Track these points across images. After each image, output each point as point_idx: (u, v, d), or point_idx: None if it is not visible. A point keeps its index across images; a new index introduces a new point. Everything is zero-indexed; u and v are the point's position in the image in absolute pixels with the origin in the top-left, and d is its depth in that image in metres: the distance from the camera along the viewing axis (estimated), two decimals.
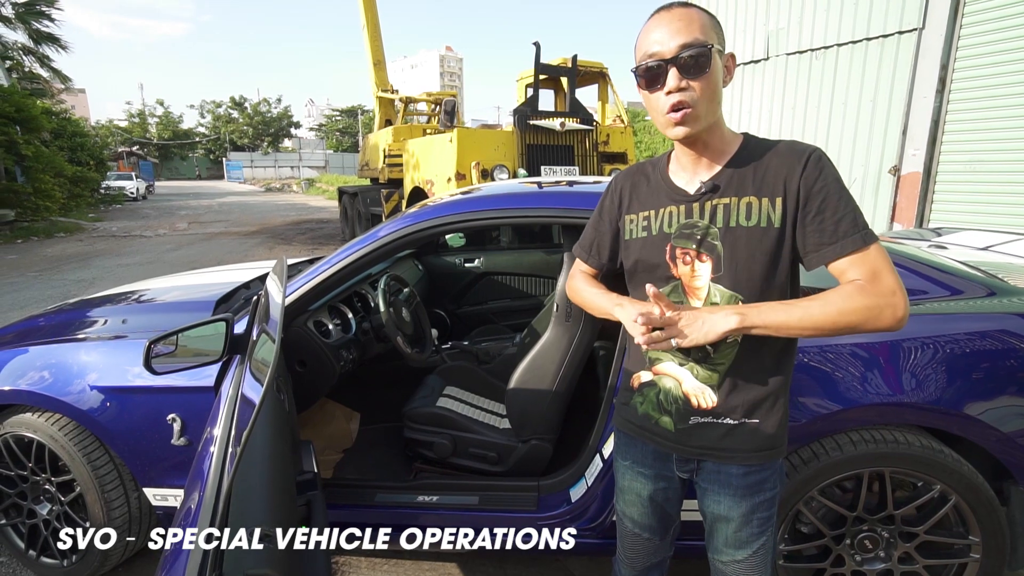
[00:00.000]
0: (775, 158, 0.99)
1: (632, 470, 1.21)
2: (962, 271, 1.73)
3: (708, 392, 1.05)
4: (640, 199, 1.12)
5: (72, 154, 19.18)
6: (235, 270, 2.86)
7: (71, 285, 7.03)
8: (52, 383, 1.79)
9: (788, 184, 0.96)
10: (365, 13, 10.68)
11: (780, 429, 1.07)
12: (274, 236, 11.97)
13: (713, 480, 1.11)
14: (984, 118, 4.92)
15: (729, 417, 1.06)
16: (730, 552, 1.13)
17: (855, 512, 1.56)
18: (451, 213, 1.77)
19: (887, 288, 0.92)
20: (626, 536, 1.27)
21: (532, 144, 6.83)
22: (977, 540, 1.52)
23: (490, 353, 2.72)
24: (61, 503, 1.90)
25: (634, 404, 1.17)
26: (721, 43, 0.96)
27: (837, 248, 0.94)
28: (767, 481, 1.09)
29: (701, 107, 0.94)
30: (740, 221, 0.98)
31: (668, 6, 0.97)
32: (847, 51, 5.81)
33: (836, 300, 0.92)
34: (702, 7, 0.99)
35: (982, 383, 1.48)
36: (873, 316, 0.91)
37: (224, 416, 1.11)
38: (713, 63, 0.93)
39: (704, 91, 0.94)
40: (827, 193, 0.94)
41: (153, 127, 53.10)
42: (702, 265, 1.02)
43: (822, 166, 0.95)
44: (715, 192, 1.01)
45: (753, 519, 1.10)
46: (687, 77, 0.93)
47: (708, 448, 1.08)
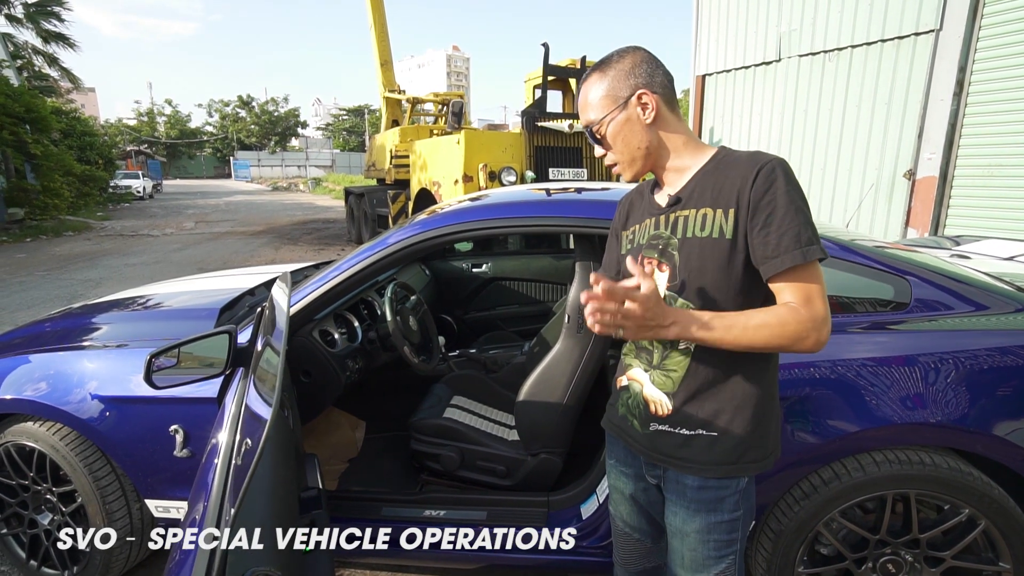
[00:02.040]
0: (734, 169, 1.00)
1: (616, 469, 1.25)
2: (989, 284, 1.66)
3: (664, 399, 1.07)
4: (632, 216, 1.18)
5: (81, 153, 19.34)
6: (239, 275, 2.83)
7: (78, 285, 7.05)
8: (54, 392, 1.76)
9: (740, 195, 0.97)
10: (373, 13, 10.67)
11: (745, 445, 1.04)
12: (281, 236, 11.98)
13: (672, 490, 1.11)
14: (1003, 122, 4.82)
15: (684, 427, 1.06)
16: (685, 574, 1.11)
17: (878, 535, 1.50)
18: (460, 222, 1.73)
19: (818, 315, 0.93)
20: (618, 535, 1.30)
21: (540, 146, 6.78)
22: (1008, 567, 1.45)
23: (498, 362, 2.67)
24: (62, 513, 1.87)
25: (616, 405, 1.21)
26: (617, 100, 1.04)
27: (777, 263, 0.94)
28: (725, 500, 1.06)
29: (624, 163, 1.08)
30: (695, 232, 1.01)
31: (580, 82, 1.11)
32: (861, 53, 5.72)
33: (771, 322, 0.93)
34: (601, 64, 1.07)
35: (1010, 402, 1.42)
36: (799, 341, 0.93)
37: (228, 428, 1.07)
38: (611, 131, 1.05)
39: (617, 151, 1.07)
40: (775, 206, 0.94)
41: (161, 126, 53.45)
42: (660, 275, 1.05)
43: (773, 178, 0.95)
44: (677, 204, 1.05)
45: (709, 540, 1.08)
46: (601, 147, 1.09)
47: (667, 455, 1.09)
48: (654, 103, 1.03)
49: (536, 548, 1.72)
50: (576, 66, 7.16)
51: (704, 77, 7.80)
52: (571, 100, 7.82)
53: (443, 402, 2.18)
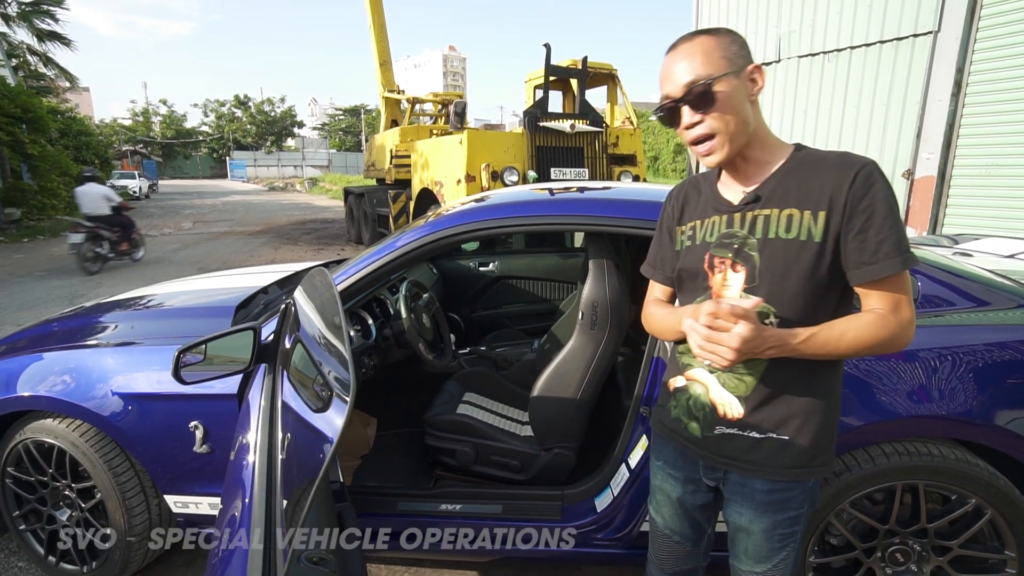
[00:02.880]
0: (824, 170, 0.96)
1: (664, 471, 1.23)
2: (991, 280, 1.70)
3: (735, 403, 1.04)
4: (690, 210, 1.13)
5: (77, 153, 19.24)
6: (246, 275, 2.85)
7: (79, 285, 7.04)
8: (74, 389, 1.78)
9: (834, 198, 0.94)
10: (372, 14, 10.67)
11: (815, 448, 1.03)
12: (279, 236, 11.97)
13: (737, 492, 1.10)
14: (1001, 122, 4.89)
15: (755, 431, 1.04)
16: (749, 563, 1.13)
17: (887, 525, 1.54)
18: (468, 222, 1.76)
19: (906, 322, 0.94)
20: (657, 538, 1.28)
21: (542, 146, 6.81)
22: (1013, 555, 1.49)
23: (508, 359, 2.70)
24: (81, 509, 1.90)
25: (668, 407, 1.18)
26: (735, 62, 0.95)
27: (876, 269, 0.92)
28: (792, 500, 1.07)
29: (722, 136, 0.96)
30: (779, 233, 0.97)
31: (676, 42, 0.99)
32: (860, 54, 5.78)
33: (864, 331, 0.93)
34: (712, 30, 0.98)
35: (1011, 394, 1.45)
36: (887, 348, 0.94)
37: (261, 425, 1.09)
38: (722, 92, 0.94)
39: (720, 120, 0.95)
40: (873, 211, 0.92)
41: (157, 126, 53.19)
42: (734, 275, 1.01)
43: (872, 182, 0.93)
44: (756, 203, 1.00)
45: (774, 535, 1.08)
46: (699, 112, 0.95)
47: (733, 459, 1.07)
48: (762, 82, 0.98)
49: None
50: (577, 67, 7.18)
51: None
52: (572, 100, 7.85)
53: (455, 399, 2.20)
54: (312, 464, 0.74)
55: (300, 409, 0.93)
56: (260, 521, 0.76)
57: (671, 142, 25.65)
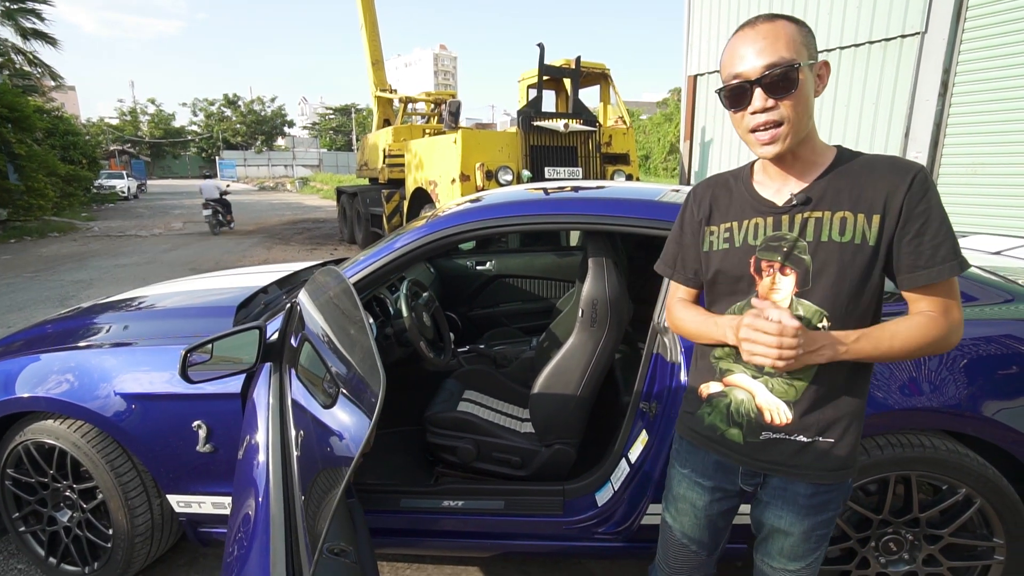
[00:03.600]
0: (875, 173, 0.95)
1: (690, 479, 1.18)
2: (979, 276, 1.75)
3: (783, 408, 1.03)
4: (721, 210, 1.08)
5: (64, 152, 18.99)
6: (242, 275, 2.85)
7: (68, 286, 6.97)
8: (75, 390, 1.77)
9: (890, 202, 0.93)
10: (364, 13, 10.65)
11: (854, 450, 1.05)
12: (271, 236, 11.91)
13: (778, 496, 1.09)
14: (986, 121, 4.98)
15: (803, 435, 1.03)
16: (783, 562, 1.12)
17: (881, 515, 1.58)
18: (466, 222, 1.77)
19: (956, 321, 0.95)
20: (671, 545, 1.24)
21: (536, 145, 6.83)
22: (1001, 542, 1.54)
23: (507, 357, 2.72)
24: (83, 510, 1.89)
25: (701, 414, 1.14)
26: (812, 54, 0.93)
27: (934, 273, 0.92)
28: (832, 501, 1.08)
29: (790, 126, 0.92)
30: (833, 236, 0.95)
31: (752, 21, 0.94)
32: (849, 54, 5.86)
33: (915, 333, 0.94)
34: (791, 17, 0.93)
35: (997, 385, 1.50)
36: (940, 347, 0.95)
37: (271, 424, 1.11)
38: (802, 81, 0.90)
39: (793, 109, 0.90)
40: (929, 215, 0.92)
41: (144, 125, 52.60)
42: (784, 279, 0.99)
43: (927, 186, 0.92)
44: (807, 205, 0.97)
45: (813, 536, 1.09)
46: (774, 97, 0.90)
47: (778, 464, 1.06)
48: (827, 80, 0.97)
49: (551, 535, 1.78)
50: (571, 66, 7.22)
51: (696, 77, 7.92)
52: (565, 100, 7.88)
53: (455, 396, 2.22)
54: (332, 459, 0.75)
55: (312, 406, 0.95)
56: (279, 518, 0.77)
57: (661, 141, 25.80)
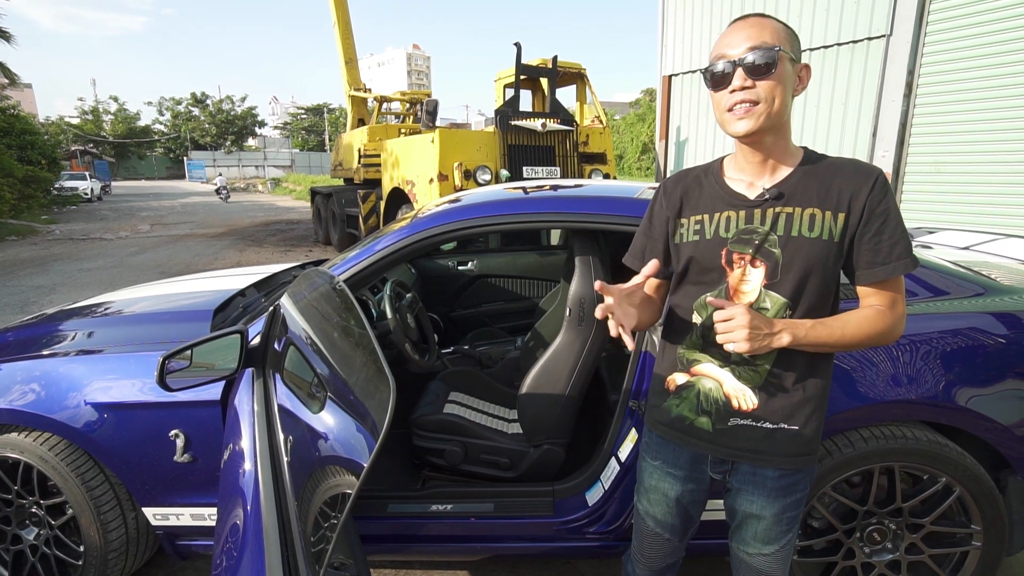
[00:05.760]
0: (840, 174, 1.01)
1: (661, 470, 1.22)
2: (951, 270, 1.80)
3: (749, 394, 1.08)
4: (692, 203, 1.12)
5: (22, 153, 18.17)
6: (216, 278, 2.77)
7: (29, 292, 6.68)
8: (42, 400, 1.69)
9: (854, 201, 0.99)
10: (336, 11, 10.49)
11: (816, 435, 1.10)
12: (244, 238, 11.62)
13: (748, 481, 1.13)
14: (948, 121, 5.17)
15: (768, 421, 1.08)
16: (758, 546, 1.16)
17: (865, 506, 1.61)
18: (448, 222, 1.75)
19: (900, 314, 1.02)
20: (646, 535, 1.28)
21: (514, 144, 6.83)
22: (979, 529, 1.59)
23: (492, 357, 2.70)
24: (51, 527, 1.80)
25: (667, 407, 1.18)
26: (795, 52, 0.99)
27: (889, 269, 0.99)
28: (800, 483, 1.13)
29: (766, 106, 0.96)
30: (803, 231, 1.00)
31: (744, 16, 1.01)
32: (819, 55, 6.01)
33: (864, 324, 1.00)
34: (781, 20, 1.01)
35: (968, 375, 1.54)
36: (886, 338, 1.02)
37: (256, 430, 1.07)
38: (781, 66, 0.95)
39: (769, 91, 0.95)
40: (888, 216, 0.99)
41: (108, 124, 50.82)
42: (754, 271, 1.04)
43: (887, 189, 1.00)
44: (779, 200, 1.02)
45: (783, 518, 1.14)
46: (753, 77, 0.95)
47: (746, 450, 1.10)
48: (806, 83, 1.03)
49: (542, 536, 1.76)
50: (547, 66, 7.23)
51: (671, 77, 8.02)
52: (542, 99, 7.90)
53: (441, 398, 2.19)
54: (335, 468, 0.72)
55: (303, 412, 0.92)
56: (272, 527, 0.74)
57: (635, 141, 26.07)
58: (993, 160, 4.96)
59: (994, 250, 2.37)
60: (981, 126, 4.96)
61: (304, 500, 0.75)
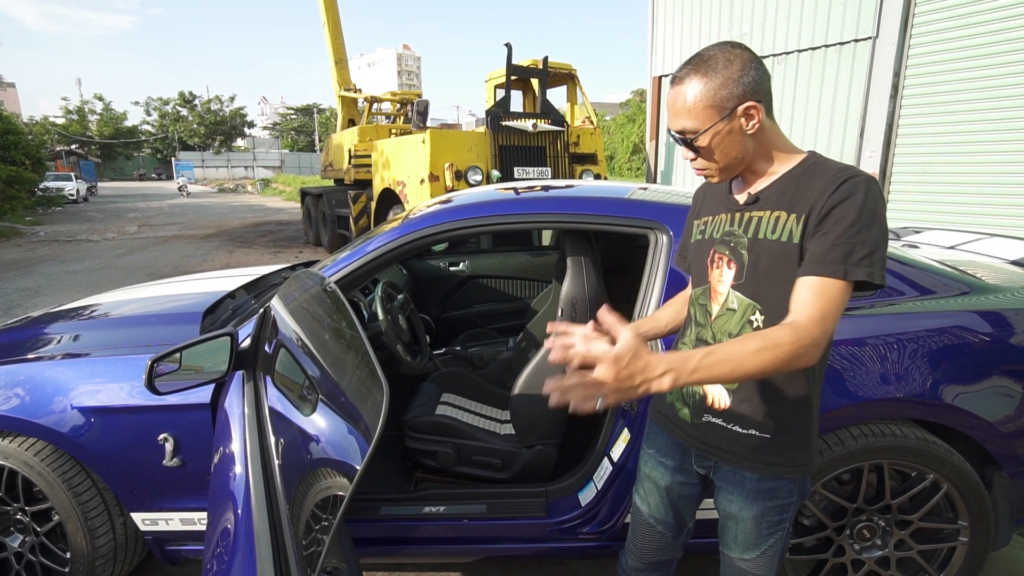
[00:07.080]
0: (816, 177, 0.98)
1: (655, 459, 1.25)
2: (937, 269, 1.82)
3: (724, 393, 1.09)
4: (706, 206, 1.19)
5: (4, 153, 17.87)
6: (209, 279, 2.74)
7: (13, 295, 6.58)
8: (27, 405, 1.66)
9: (816, 203, 0.95)
10: (326, 11, 10.44)
11: (795, 449, 1.07)
12: (233, 239, 11.52)
13: (729, 480, 1.14)
14: (934, 123, 5.24)
15: (738, 425, 1.08)
16: (739, 551, 1.16)
17: (855, 503, 1.63)
18: (440, 223, 1.75)
19: (822, 335, 0.88)
20: (639, 526, 1.30)
21: (505, 145, 6.82)
22: (966, 524, 1.61)
23: (483, 358, 2.70)
24: (36, 533, 1.78)
25: (665, 394, 1.21)
26: (723, 109, 0.95)
27: (815, 267, 0.91)
28: (781, 490, 1.10)
29: (715, 167, 1.03)
30: (766, 234, 1.01)
31: (673, 79, 1.02)
32: (807, 57, 6.07)
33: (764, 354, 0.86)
34: (704, 67, 0.95)
35: (954, 373, 1.56)
36: (793, 364, 0.88)
37: (248, 433, 1.06)
38: (709, 138, 0.98)
39: (709, 157, 1.01)
40: (842, 217, 0.91)
41: (93, 124, 50.15)
42: (728, 271, 1.07)
43: (854, 191, 0.91)
44: (755, 204, 1.05)
45: (763, 522, 1.12)
46: (693, 152, 1.02)
47: (718, 448, 1.12)
48: (760, 115, 0.97)
49: (535, 537, 1.76)
50: (538, 66, 7.23)
51: (660, 78, 8.06)
52: (532, 99, 7.90)
53: (433, 400, 2.19)
54: (326, 471, 0.72)
55: (295, 415, 0.91)
56: (264, 530, 0.73)
57: (625, 142, 26.17)
58: (978, 160, 5.04)
59: (979, 249, 2.40)
60: (966, 127, 5.03)
61: (296, 504, 0.74)
